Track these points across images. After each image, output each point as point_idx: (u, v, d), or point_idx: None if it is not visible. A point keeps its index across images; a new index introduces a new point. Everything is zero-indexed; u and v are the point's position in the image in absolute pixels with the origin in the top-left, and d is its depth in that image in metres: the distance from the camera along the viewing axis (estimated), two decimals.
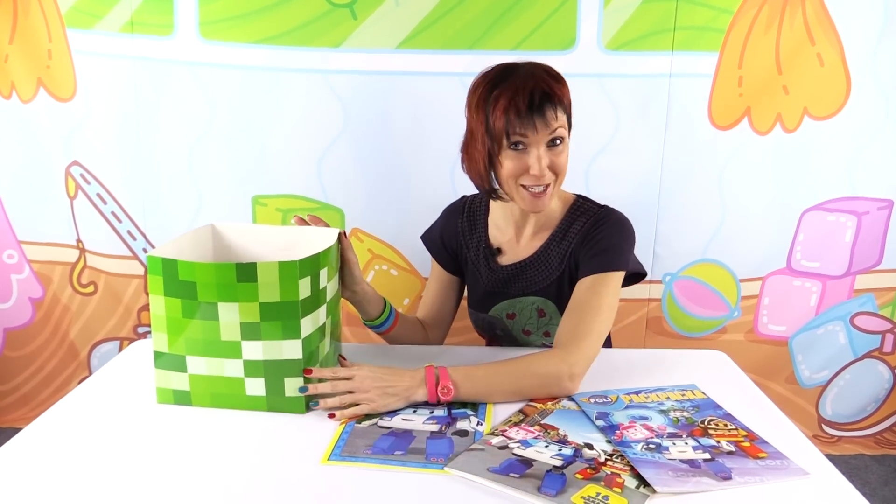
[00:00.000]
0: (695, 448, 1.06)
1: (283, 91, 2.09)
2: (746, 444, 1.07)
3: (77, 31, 2.08)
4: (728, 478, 0.97)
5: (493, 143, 1.31)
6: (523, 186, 1.33)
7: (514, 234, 1.49)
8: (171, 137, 2.15)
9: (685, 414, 1.18)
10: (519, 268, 1.48)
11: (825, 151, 2.17)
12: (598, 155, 2.13)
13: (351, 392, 1.19)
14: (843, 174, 2.20)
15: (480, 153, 1.34)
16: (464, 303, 1.66)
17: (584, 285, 1.35)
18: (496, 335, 1.60)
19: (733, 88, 2.09)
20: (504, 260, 1.50)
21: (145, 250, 2.25)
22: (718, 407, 1.21)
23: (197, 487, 0.98)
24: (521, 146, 1.30)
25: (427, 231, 1.64)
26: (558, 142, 1.31)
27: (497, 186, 1.39)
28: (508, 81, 1.29)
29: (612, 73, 2.06)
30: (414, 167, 2.15)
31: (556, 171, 1.32)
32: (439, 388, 1.19)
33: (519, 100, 1.26)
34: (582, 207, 1.45)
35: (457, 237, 1.57)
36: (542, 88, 1.27)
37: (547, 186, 1.33)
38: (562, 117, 1.30)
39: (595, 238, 1.39)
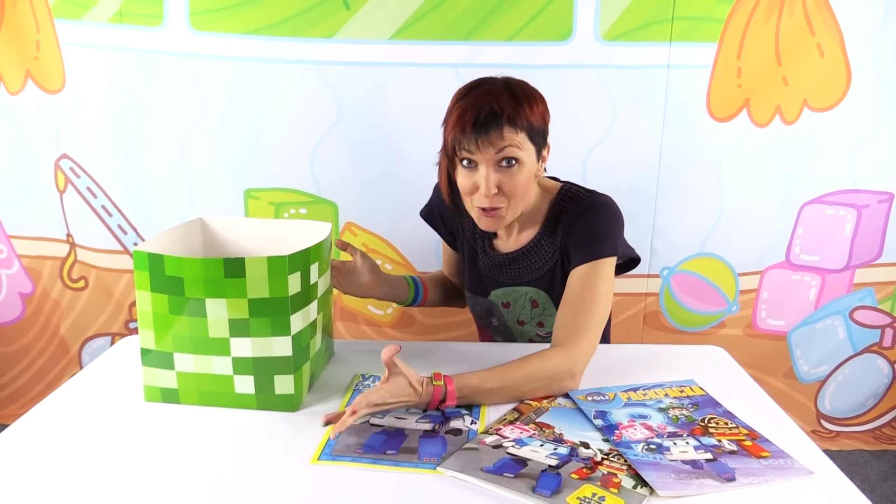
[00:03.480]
0: (696, 448, 1.03)
1: (275, 83, 2.06)
2: (748, 442, 1.05)
3: (65, 21, 2.05)
4: (732, 479, 0.95)
5: (449, 160, 1.33)
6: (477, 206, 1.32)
7: (501, 231, 1.47)
8: (161, 130, 2.12)
9: (684, 412, 1.16)
10: (512, 257, 1.46)
11: (825, 144, 2.14)
12: (595, 147, 2.10)
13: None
14: (843, 167, 2.18)
15: (442, 168, 1.38)
16: None
17: (575, 277, 1.32)
18: (492, 324, 1.57)
19: (732, 80, 2.07)
20: (499, 246, 1.49)
21: (136, 244, 2.21)
22: (718, 404, 1.19)
23: (184, 487, 0.96)
24: (472, 164, 1.29)
25: (426, 207, 1.63)
26: (513, 162, 1.27)
27: (459, 202, 1.39)
28: (467, 97, 1.28)
29: (610, 64, 2.03)
30: (408, 160, 2.12)
31: (509, 194, 1.29)
32: (442, 406, 1.17)
33: (467, 117, 1.25)
34: (568, 195, 1.41)
35: (452, 216, 1.56)
36: (491, 106, 1.24)
37: (498, 209, 1.30)
38: (515, 137, 1.25)
39: (581, 226, 1.35)
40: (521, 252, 1.45)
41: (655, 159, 2.13)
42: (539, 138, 1.30)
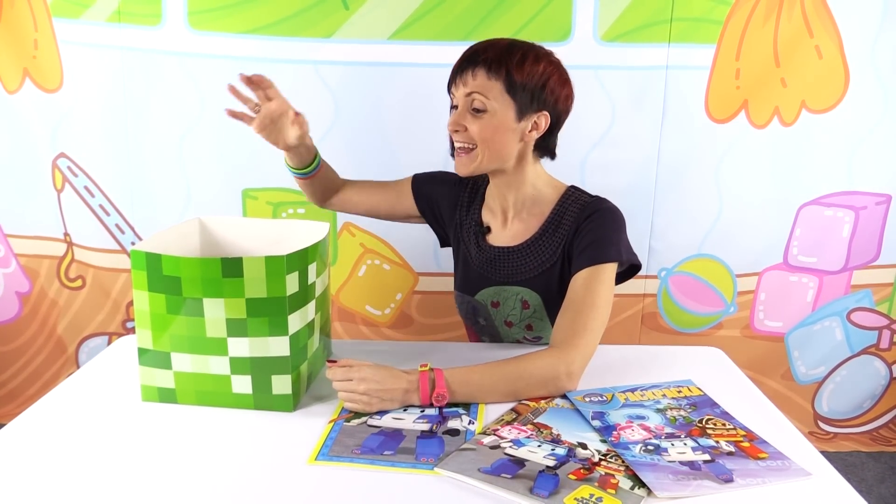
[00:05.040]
0: (694, 449, 1.03)
1: (274, 82, 2.05)
2: (746, 444, 1.05)
3: (63, 20, 2.05)
4: (729, 480, 0.95)
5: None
6: (453, 144, 1.37)
7: (501, 216, 1.48)
8: (159, 129, 2.12)
9: (682, 413, 1.16)
10: (508, 252, 1.45)
11: (823, 145, 2.15)
12: (593, 147, 2.10)
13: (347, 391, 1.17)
14: (840, 168, 2.18)
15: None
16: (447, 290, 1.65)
17: (577, 281, 1.32)
18: (479, 324, 1.57)
19: (730, 81, 2.07)
20: (493, 240, 1.49)
21: (133, 244, 2.21)
22: (715, 405, 1.19)
23: (181, 487, 0.96)
24: (455, 107, 1.35)
25: (430, 173, 1.65)
26: (480, 112, 1.31)
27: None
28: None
29: (608, 65, 2.03)
30: (406, 160, 2.12)
31: (476, 139, 1.33)
32: (434, 396, 1.17)
33: (460, 57, 1.34)
34: (573, 197, 1.42)
35: (455, 208, 1.56)
36: (476, 49, 1.32)
37: (468, 150, 1.35)
38: (488, 82, 1.29)
39: (585, 230, 1.36)
40: (518, 248, 1.44)
41: (654, 160, 2.13)
42: (523, 95, 1.31)
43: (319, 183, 1.61)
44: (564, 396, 1.22)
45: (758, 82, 2.07)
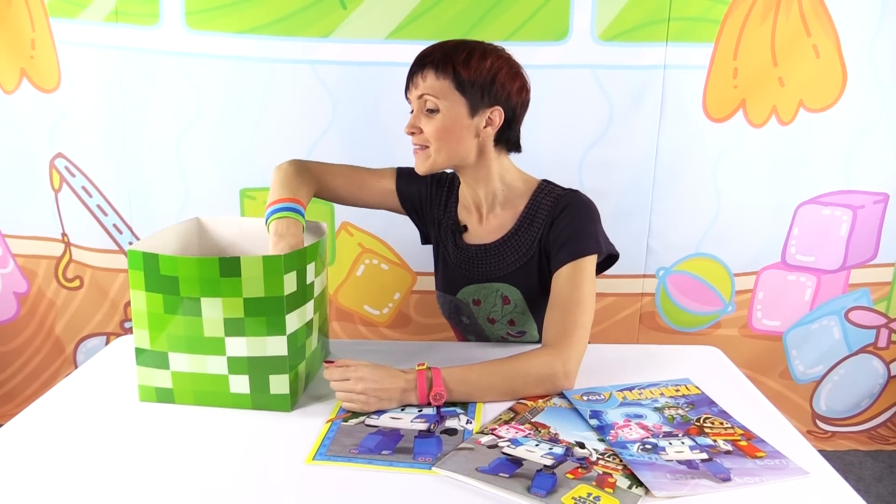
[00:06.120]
0: (692, 448, 1.03)
1: (271, 82, 2.06)
2: (743, 443, 1.05)
3: (61, 20, 2.05)
4: (727, 479, 0.95)
5: None
6: None
7: (475, 213, 1.48)
8: (157, 129, 2.12)
9: (680, 411, 1.16)
10: (485, 249, 1.45)
11: (821, 144, 2.15)
12: (591, 147, 2.10)
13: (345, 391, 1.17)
14: (838, 167, 2.18)
15: None
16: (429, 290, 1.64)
17: (561, 278, 1.32)
18: (462, 322, 1.57)
19: (728, 80, 2.07)
20: (470, 238, 1.48)
21: (131, 244, 2.21)
22: (713, 404, 1.19)
23: (179, 487, 0.95)
24: (412, 111, 1.37)
25: (412, 171, 1.55)
26: (433, 112, 1.32)
27: None
28: None
29: (606, 65, 2.03)
30: (404, 160, 2.10)
31: (431, 139, 1.34)
32: (431, 395, 1.17)
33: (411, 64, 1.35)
34: (545, 191, 1.41)
35: (434, 208, 1.56)
36: (424, 53, 1.33)
37: (423, 148, 1.36)
38: (436, 83, 1.30)
39: (561, 225, 1.36)
40: (494, 245, 1.44)
41: (652, 159, 2.13)
42: (473, 92, 1.31)
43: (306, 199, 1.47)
44: (562, 395, 1.22)
45: (755, 81, 2.07)
